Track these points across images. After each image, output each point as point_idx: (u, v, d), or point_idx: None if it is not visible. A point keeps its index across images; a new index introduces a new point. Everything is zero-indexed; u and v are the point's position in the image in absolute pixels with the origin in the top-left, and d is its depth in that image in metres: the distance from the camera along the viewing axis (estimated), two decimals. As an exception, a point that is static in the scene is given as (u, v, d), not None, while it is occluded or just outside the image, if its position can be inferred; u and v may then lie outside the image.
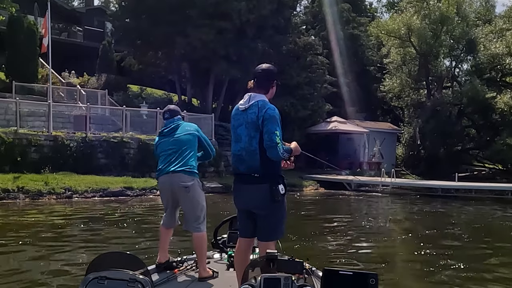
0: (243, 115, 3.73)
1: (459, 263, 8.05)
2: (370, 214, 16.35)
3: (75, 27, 35.00)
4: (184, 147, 4.47)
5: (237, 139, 3.76)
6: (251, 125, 3.64)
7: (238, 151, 3.73)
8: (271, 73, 3.87)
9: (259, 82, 3.81)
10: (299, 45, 29.90)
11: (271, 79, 3.84)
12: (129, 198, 16.36)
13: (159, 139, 4.67)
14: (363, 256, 8.81)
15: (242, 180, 3.72)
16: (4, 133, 17.33)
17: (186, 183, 4.36)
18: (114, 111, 23.36)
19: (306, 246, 9.18)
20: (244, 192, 3.70)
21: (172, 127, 4.60)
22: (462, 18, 32.91)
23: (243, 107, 3.75)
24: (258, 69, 3.87)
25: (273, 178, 3.61)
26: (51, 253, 8.14)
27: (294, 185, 22.53)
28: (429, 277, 7.28)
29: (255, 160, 3.62)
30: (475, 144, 36.03)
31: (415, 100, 34.44)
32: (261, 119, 3.59)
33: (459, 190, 22.43)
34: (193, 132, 4.58)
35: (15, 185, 15.39)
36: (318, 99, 30.03)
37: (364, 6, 44.50)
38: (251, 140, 3.64)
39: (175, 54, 27.09)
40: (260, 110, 3.62)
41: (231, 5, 24.58)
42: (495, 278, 7.37)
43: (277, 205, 3.62)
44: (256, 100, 3.71)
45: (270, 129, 3.56)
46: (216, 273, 4.17)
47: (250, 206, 3.69)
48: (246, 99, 3.77)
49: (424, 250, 9.22)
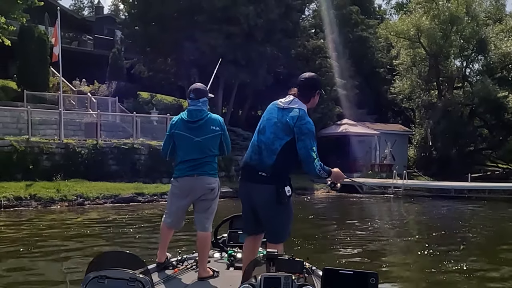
0: (278, 112, 3.71)
1: (468, 265, 7.98)
2: (379, 216, 16.26)
3: (85, 35, 35.38)
4: (209, 150, 4.32)
5: (261, 131, 3.74)
6: (282, 126, 3.62)
7: (258, 142, 3.71)
8: (315, 82, 3.82)
9: (301, 90, 3.74)
10: (308, 49, 29.93)
11: (314, 88, 3.79)
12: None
13: (181, 126, 4.34)
14: (364, 256, 8.76)
15: (248, 177, 3.71)
16: (16, 142, 17.51)
17: (211, 184, 4.30)
18: (124, 118, 23.52)
19: (306, 246, 9.13)
20: (250, 189, 3.69)
21: (199, 124, 4.30)
22: (472, 18, 32.64)
23: (282, 106, 3.71)
24: (301, 78, 3.80)
25: (280, 180, 3.59)
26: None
27: (306, 188, 22.46)
28: (433, 278, 7.22)
29: (271, 159, 3.60)
30: (488, 144, 35.69)
31: (426, 101, 34.16)
32: (298, 129, 3.56)
33: (472, 191, 22.18)
34: (218, 133, 4.35)
35: (27, 192, 15.51)
36: (328, 102, 29.93)
37: (373, 8, 44.38)
38: (275, 139, 3.62)
39: (184, 60, 27.22)
40: (300, 119, 3.58)
41: (239, 9, 24.65)
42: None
43: (283, 207, 3.61)
44: (298, 106, 3.66)
45: (308, 144, 3.56)
46: (216, 272, 4.16)
47: (254, 204, 3.70)
48: (288, 100, 3.72)
49: (430, 251, 9.15)
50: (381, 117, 36.24)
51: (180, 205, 4.41)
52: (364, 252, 9.13)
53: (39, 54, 25.08)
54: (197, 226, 4.33)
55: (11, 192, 15.21)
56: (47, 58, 24.77)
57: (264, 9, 25.73)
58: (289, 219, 3.74)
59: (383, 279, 6.64)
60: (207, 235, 4.32)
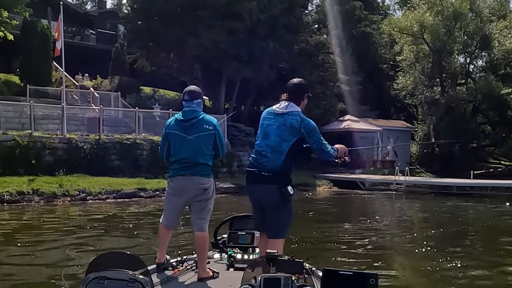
0: (278, 118, 4.06)
1: (468, 262, 7.98)
2: (381, 213, 16.27)
3: (88, 30, 35.33)
4: (200, 149, 4.33)
5: (264, 136, 4.09)
6: (288, 129, 3.98)
7: (263, 147, 4.05)
8: (303, 87, 4.21)
9: (291, 95, 4.12)
10: (311, 44, 29.85)
11: (302, 92, 4.17)
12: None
13: (174, 126, 4.41)
14: (364, 255, 8.76)
15: (253, 179, 4.05)
16: (19, 137, 17.54)
17: (205, 185, 4.32)
18: (127, 113, 23.50)
19: (306, 246, 9.13)
20: (256, 190, 4.06)
21: (192, 123, 4.35)
22: (476, 14, 32.50)
23: (280, 111, 4.07)
24: (290, 84, 4.19)
25: (282, 180, 3.93)
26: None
27: (308, 184, 22.47)
28: (434, 277, 7.23)
29: (279, 160, 3.96)
30: (491, 141, 35.62)
31: (429, 98, 34.07)
32: (304, 129, 3.98)
33: (474, 188, 22.10)
34: (212, 132, 4.38)
35: (30, 187, 15.55)
36: (331, 98, 29.95)
37: (376, 3, 44.32)
38: (281, 141, 3.98)
39: (186, 55, 27.21)
40: (303, 120, 4.00)
41: (242, 5, 24.59)
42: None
43: (286, 205, 3.96)
44: (296, 109, 4.06)
45: (318, 139, 4.01)
46: (216, 273, 4.15)
47: (262, 203, 4.05)
48: (284, 105, 4.08)
49: (431, 249, 9.15)
50: (383, 113, 36.18)
51: (175, 205, 4.44)
52: (364, 252, 9.12)
53: (41, 49, 25.07)
54: (194, 227, 4.36)
55: (13, 187, 15.25)
56: (50, 52, 24.77)
57: (267, 4, 25.68)
58: (290, 217, 4.07)
59: (383, 279, 6.64)
60: (205, 235, 4.33)
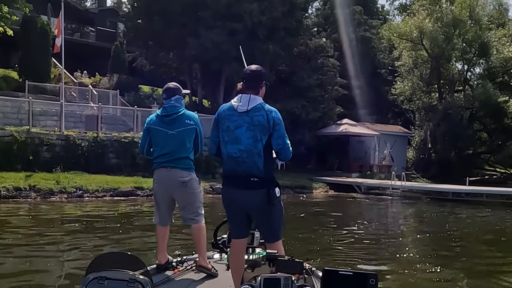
0: (243, 117, 3.66)
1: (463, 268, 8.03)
2: (376, 217, 16.30)
3: (88, 27, 35.28)
4: (183, 143, 4.39)
5: (235, 141, 3.67)
6: (258, 128, 3.61)
7: (236, 153, 3.65)
8: (260, 74, 3.81)
9: (248, 83, 3.75)
10: (310, 47, 29.87)
11: (260, 80, 3.78)
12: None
13: (155, 123, 4.44)
14: (363, 257, 8.81)
15: (237, 185, 3.68)
16: (16, 132, 17.52)
17: (184, 178, 4.36)
18: (125, 111, 23.52)
19: (306, 245, 9.17)
20: (240, 197, 3.68)
21: (173, 118, 4.39)
22: (475, 22, 32.57)
23: (243, 109, 3.66)
24: (247, 71, 3.81)
25: (270, 182, 3.67)
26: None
27: (304, 187, 22.51)
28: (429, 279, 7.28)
29: (259, 162, 3.62)
30: (487, 148, 35.74)
31: (427, 103, 34.17)
32: (272, 123, 3.61)
33: (469, 194, 22.20)
34: (193, 127, 4.44)
35: (27, 183, 15.53)
36: (329, 101, 29.97)
37: (376, 8, 44.31)
38: (256, 142, 3.61)
39: (186, 55, 27.21)
40: (269, 114, 3.62)
41: (243, 6, 24.64)
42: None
43: (275, 207, 3.70)
44: (258, 102, 3.69)
45: (282, 133, 3.65)
46: (215, 271, 4.18)
47: (248, 209, 3.74)
48: (243, 101, 3.69)
49: (425, 253, 9.20)
50: (381, 118, 36.21)
51: (161, 200, 4.49)
52: (362, 254, 9.17)
53: (41, 45, 25.06)
54: (188, 223, 4.43)
55: (10, 182, 15.23)
56: (49, 49, 24.77)
57: (268, 6, 25.71)
58: (281, 217, 3.84)
59: (382, 280, 6.68)
60: (198, 226, 4.38)
